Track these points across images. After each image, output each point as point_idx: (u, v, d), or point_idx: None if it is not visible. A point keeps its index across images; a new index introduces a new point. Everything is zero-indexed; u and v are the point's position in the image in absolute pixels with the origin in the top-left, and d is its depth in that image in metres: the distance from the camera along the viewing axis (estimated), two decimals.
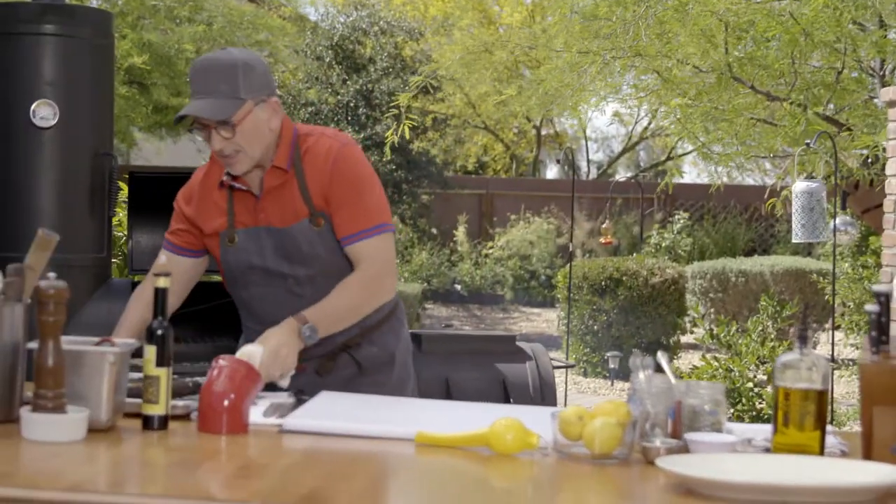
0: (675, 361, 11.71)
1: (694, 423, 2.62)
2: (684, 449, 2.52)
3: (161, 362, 2.65)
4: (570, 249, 11.56)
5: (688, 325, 13.30)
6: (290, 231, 3.33)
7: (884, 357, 2.46)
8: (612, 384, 11.71)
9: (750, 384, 8.39)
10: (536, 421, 2.62)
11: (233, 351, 3.07)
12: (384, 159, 18.60)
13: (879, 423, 2.41)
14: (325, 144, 3.37)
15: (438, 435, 2.61)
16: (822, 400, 2.49)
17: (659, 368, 2.78)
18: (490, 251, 19.93)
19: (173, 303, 3.31)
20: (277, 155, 3.33)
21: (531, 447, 2.54)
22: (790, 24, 8.54)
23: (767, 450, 2.59)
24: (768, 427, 2.75)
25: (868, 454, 2.43)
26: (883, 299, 2.47)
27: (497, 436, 2.54)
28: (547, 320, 17.28)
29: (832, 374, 8.36)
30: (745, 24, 8.90)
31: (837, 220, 8.65)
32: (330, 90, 19.39)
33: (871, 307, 2.47)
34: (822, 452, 2.49)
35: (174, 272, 3.17)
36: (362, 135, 19.12)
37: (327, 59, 19.55)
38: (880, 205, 9.91)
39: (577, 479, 2.44)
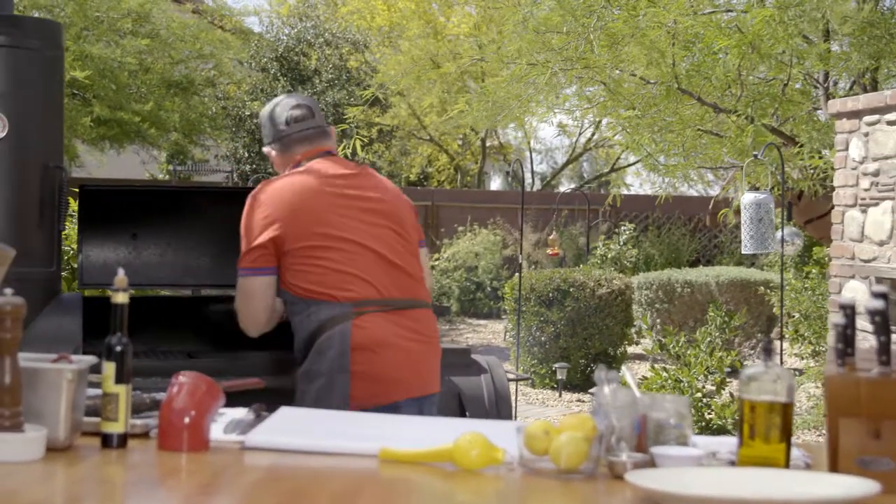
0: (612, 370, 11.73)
1: (659, 437, 2.60)
2: (650, 463, 2.51)
3: (120, 379, 2.60)
4: (520, 261, 11.55)
5: (634, 336, 13.34)
6: None
7: (849, 369, 2.46)
8: (560, 395, 11.71)
9: (699, 395, 8.43)
10: (501, 435, 2.59)
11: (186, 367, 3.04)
12: None
13: (845, 435, 2.41)
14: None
15: (402, 451, 2.58)
16: (787, 412, 2.49)
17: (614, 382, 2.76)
18: (436, 262, 19.92)
19: None
20: None
21: (496, 462, 2.51)
22: (737, 37, 8.61)
23: (732, 463, 2.58)
24: (732, 440, 2.75)
25: (834, 466, 2.43)
26: (848, 311, 2.47)
27: (462, 451, 2.52)
28: (493, 332, 17.28)
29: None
30: (693, 37, 8.96)
31: (784, 231, 8.72)
32: None
33: (837, 319, 2.47)
34: (787, 465, 2.48)
35: None
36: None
37: (272, 71, 19.50)
38: (823, 215, 10.02)
39: (544, 494, 2.42)
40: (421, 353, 3.84)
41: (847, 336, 2.47)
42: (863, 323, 2.53)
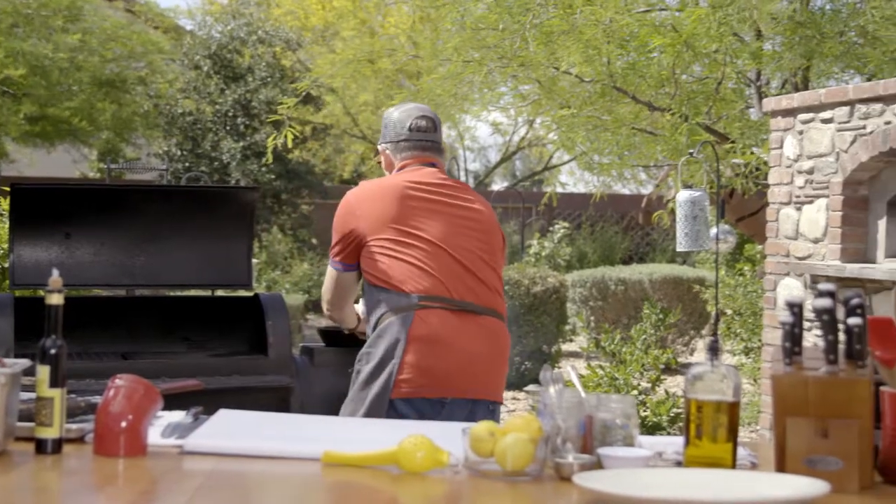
0: (556, 370, 11.75)
1: (606, 438, 2.58)
2: (597, 464, 2.48)
3: (55, 383, 2.54)
4: None
5: (569, 334, 13.36)
6: None
7: (796, 368, 2.45)
8: None
9: (634, 392, 8.45)
10: (445, 438, 2.56)
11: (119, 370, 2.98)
12: (263, 167, 18.46)
13: (793, 434, 2.40)
14: None
15: (346, 454, 2.54)
16: (733, 412, 2.47)
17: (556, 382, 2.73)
18: None
19: None
20: None
21: (441, 465, 2.48)
22: (672, 36, 8.63)
23: (679, 463, 2.57)
24: (677, 440, 2.73)
25: (782, 466, 2.42)
26: (796, 310, 2.46)
27: (406, 454, 2.48)
28: None
29: None
30: (628, 35, 8.97)
31: (717, 229, 8.75)
32: (208, 100, 19.16)
33: (785, 318, 2.46)
34: (734, 465, 2.47)
35: None
36: (241, 144, 18.92)
37: (205, 69, 19.31)
38: (755, 213, 10.08)
39: (490, 496, 2.39)
40: (482, 357, 3.90)
41: (794, 335, 2.46)
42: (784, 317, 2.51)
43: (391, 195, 3.96)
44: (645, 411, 8.36)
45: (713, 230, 8.26)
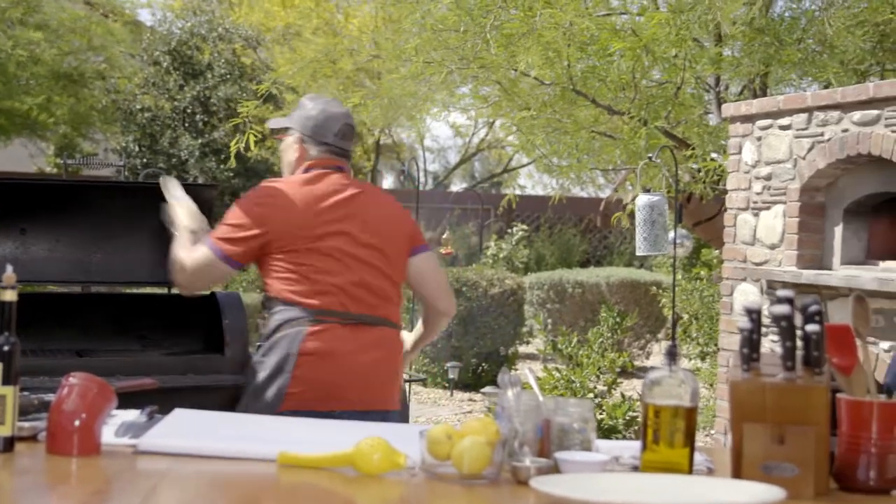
0: (513, 373, 11.78)
1: (563, 442, 2.58)
2: (554, 468, 2.48)
3: (7, 380, 2.51)
4: None
5: (526, 336, 13.38)
6: None
7: (754, 374, 2.46)
8: (452, 394, 11.70)
9: (591, 395, 8.47)
10: (402, 439, 2.55)
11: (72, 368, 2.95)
12: (221, 165, 18.38)
13: (749, 440, 2.41)
14: None
15: (302, 455, 2.52)
16: (691, 417, 2.47)
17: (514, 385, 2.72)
18: None
19: None
20: None
21: (398, 467, 2.46)
22: (631, 40, 8.65)
23: (636, 468, 2.56)
24: (634, 444, 2.73)
25: (738, 472, 2.42)
26: (754, 316, 2.46)
27: (363, 456, 2.47)
28: None
29: None
30: (588, 39, 8.98)
31: (675, 233, 8.78)
32: (167, 96, 19.06)
33: (743, 324, 2.46)
34: (691, 470, 2.47)
35: None
36: (199, 141, 18.83)
37: (164, 65, 19.22)
38: (712, 217, 10.12)
39: (447, 499, 2.38)
40: (374, 368, 3.87)
41: (753, 341, 2.47)
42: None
43: (302, 207, 3.90)
44: (601, 414, 8.39)
45: (671, 234, 8.28)
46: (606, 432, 8.16)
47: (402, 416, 4.06)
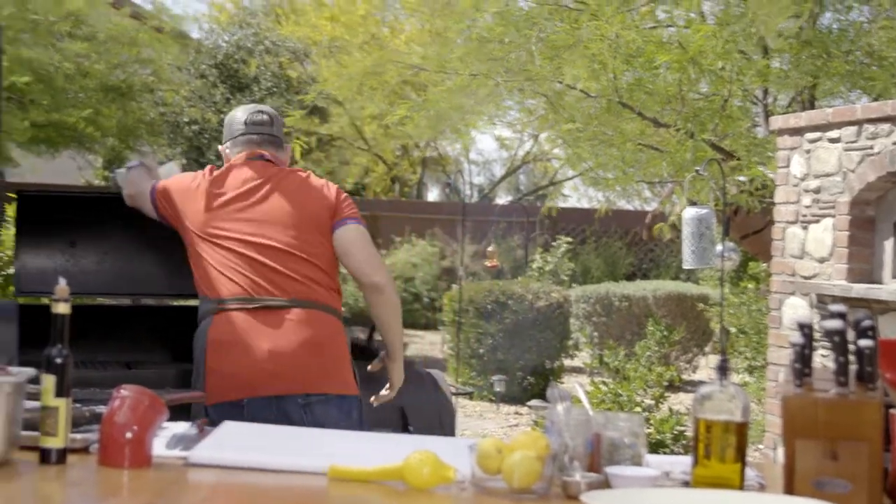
0: (560, 386, 11.75)
1: (613, 457, 2.57)
2: (605, 483, 2.47)
3: (60, 392, 2.53)
4: (460, 273, 11.50)
5: (571, 349, 13.34)
6: None
7: (807, 390, 2.44)
8: (498, 408, 11.68)
9: (638, 409, 8.43)
10: (451, 453, 2.54)
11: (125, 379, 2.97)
12: None
13: (802, 456, 2.39)
14: None
15: (352, 469, 2.52)
16: (742, 432, 2.46)
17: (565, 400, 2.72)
18: None
19: None
20: None
21: (448, 481, 2.46)
22: (678, 52, 8.62)
23: (686, 483, 2.55)
24: (685, 459, 2.72)
25: (790, 488, 2.40)
26: (806, 331, 2.44)
27: (413, 470, 2.46)
28: (431, 343, 17.23)
29: None
30: (634, 51, 8.96)
31: (723, 247, 8.73)
32: (213, 109, 19.16)
33: (795, 339, 2.44)
34: (742, 486, 2.45)
35: None
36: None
37: (211, 78, 19.32)
38: (759, 231, 10.06)
39: None
40: (287, 352, 3.80)
41: (805, 356, 2.45)
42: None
43: (199, 197, 3.97)
44: (648, 429, 8.35)
45: (718, 248, 8.24)
46: (654, 447, 8.12)
47: (352, 402, 3.91)
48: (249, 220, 3.90)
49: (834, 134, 6.86)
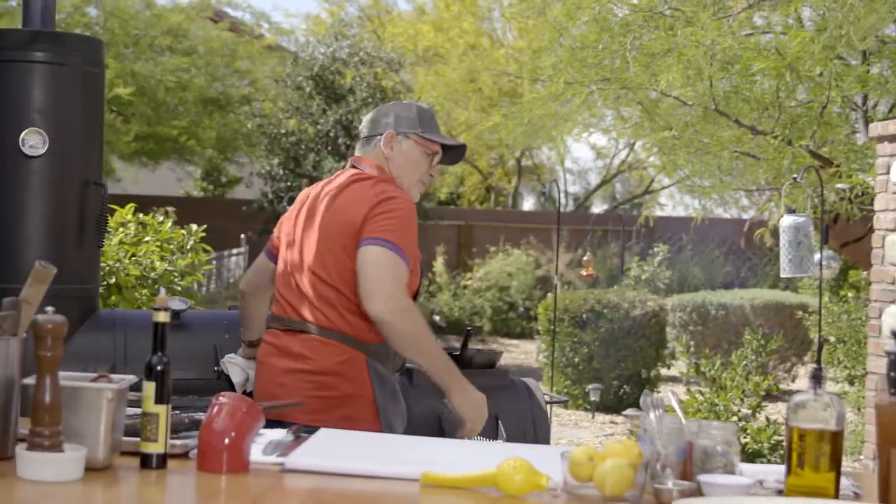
0: (656, 395, 11.68)
1: (706, 465, 2.56)
2: (697, 491, 2.47)
3: (160, 399, 2.58)
4: (556, 282, 11.49)
5: (668, 358, 13.26)
6: None
7: None
8: (594, 417, 11.65)
9: (734, 418, 8.36)
10: (544, 461, 2.56)
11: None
12: None
13: None
14: None
15: (445, 475, 2.55)
16: (837, 441, 2.44)
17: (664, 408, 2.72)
18: (468, 282, 19.88)
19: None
20: None
21: (540, 489, 2.47)
22: (775, 59, 8.55)
23: (780, 492, 2.54)
24: (778, 468, 2.70)
25: (885, 497, 2.38)
26: None
27: (506, 476, 2.48)
28: (525, 352, 17.23)
29: None
30: (731, 58, 8.90)
31: (821, 255, 8.64)
32: (310, 120, 19.36)
33: (891, 347, 2.42)
34: (837, 495, 2.44)
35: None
36: (342, 164, 19.05)
37: (307, 90, 19.51)
38: (859, 239, 9.94)
39: None
40: (283, 376, 3.68)
41: None
42: None
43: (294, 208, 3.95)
44: (745, 438, 8.27)
45: (817, 256, 8.15)
46: (751, 456, 8.05)
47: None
48: (295, 235, 3.80)
49: None
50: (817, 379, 2.48)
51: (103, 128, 4.56)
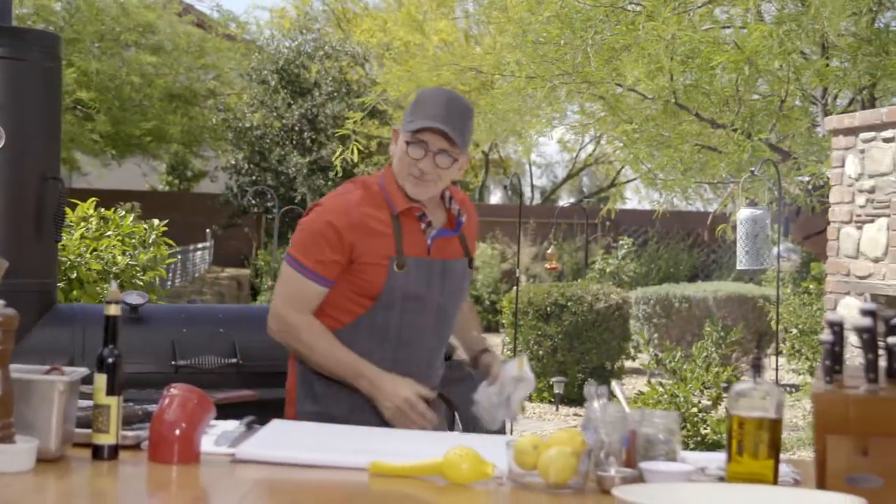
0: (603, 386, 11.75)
1: (648, 452, 2.61)
2: (639, 478, 2.51)
3: (112, 391, 2.62)
4: (517, 275, 11.54)
5: (632, 351, 13.34)
6: (455, 265, 3.59)
7: (837, 386, 2.47)
8: (557, 409, 11.71)
9: (695, 409, 8.43)
10: (490, 450, 2.60)
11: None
12: (329, 182, 18.59)
13: (833, 452, 2.42)
14: (466, 197, 3.75)
15: (392, 464, 2.59)
16: (775, 429, 2.49)
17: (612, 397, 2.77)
18: None
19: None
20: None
21: (486, 477, 2.52)
22: (734, 53, 8.62)
23: (721, 479, 2.59)
24: (720, 456, 2.76)
25: (822, 483, 2.44)
26: (836, 328, 2.48)
27: (452, 465, 2.53)
28: (491, 345, 17.25)
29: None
30: (691, 52, 8.97)
31: (780, 247, 8.72)
32: (275, 114, 19.35)
33: (825, 336, 2.48)
34: (775, 481, 2.49)
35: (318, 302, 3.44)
36: (307, 159, 19.06)
37: (272, 83, 19.51)
38: (821, 231, 10.03)
39: None
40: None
41: (835, 353, 2.48)
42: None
43: None
44: (705, 429, 8.35)
45: (775, 248, 8.23)
46: (711, 447, 8.13)
47: None
48: None
49: (888, 133, 6.84)
50: (757, 368, 2.53)
51: (61, 123, 4.57)
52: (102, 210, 7.80)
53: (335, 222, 3.40)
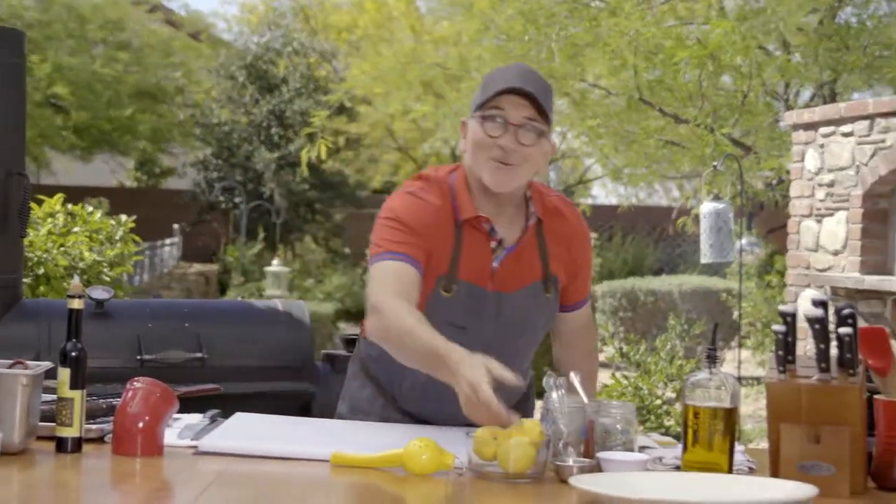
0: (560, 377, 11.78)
1: (606, 443, 2.66)
2: (597, 468, 2.55)
3: (75, 384, 2.64)
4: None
5: (598, 344, 13.39)
6: (517, 297, 3.05)
7: (790, 376, 2.52)
8: None
9: (658, 401, 8.49)
10: (450, 441, 2.64)
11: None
12: (297, 178, 18.59)
13: (786, 440, 2.47)
14: (561, 202, 3.16)
15: (353, 455, 2.62)
16: (730, 418, 2.54)
17: (571, 388, 2.81)
18: None
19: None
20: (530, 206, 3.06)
21: (446, 467, 2.55)
22: (697, 48, 8.69)
23: (678, 468, 2.64)
24: (678, 446, 2.81)
25: (775, 471, 2.49)
26: (789, 319, 2.53)
27: (412, 456, 2.56)
28: None
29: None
30: (654, 48, 9.03)
31: (743, 241, 8.80)
32: (243, 110, 19.33)
33: (778, 327, 2.53)
34: (730, 470, 2.54)
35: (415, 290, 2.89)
36: (275, 154, 19.05)
37: (240, 79, 19.50)
38: (784, 225, 10.13)
39: (492, 498, 2.47)
40: None
41: (788, 343, 2.53)
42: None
43: None
44: (669, 421, 8.41)
45: (738, 242, 8.31)
46: (675, 438, 8.17)
47: None
48: None
49: (847, 128, 6.92)
50: (712, 359, 2.58)
51: (25, 118, 4.57)
52: (70, 206, 7.79)
53: (408, 216, 3.00)
